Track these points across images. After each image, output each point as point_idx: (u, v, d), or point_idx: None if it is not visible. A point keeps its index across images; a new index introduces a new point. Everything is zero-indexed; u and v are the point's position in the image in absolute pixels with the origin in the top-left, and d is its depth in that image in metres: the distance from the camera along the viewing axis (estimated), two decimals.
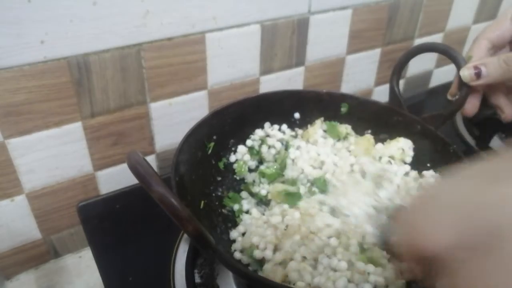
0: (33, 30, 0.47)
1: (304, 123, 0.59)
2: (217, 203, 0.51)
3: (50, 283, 0.61)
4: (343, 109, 0.59)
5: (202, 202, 0.49)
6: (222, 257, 0.36)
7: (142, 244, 0.56)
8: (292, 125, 0.59)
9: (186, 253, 0.52)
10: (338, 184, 0.51)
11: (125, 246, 0.55)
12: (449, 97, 0.55)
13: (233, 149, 0.56)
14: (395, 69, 0.58)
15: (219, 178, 0.54)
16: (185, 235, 0.54)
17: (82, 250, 0.66)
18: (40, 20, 0.47)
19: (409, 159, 0.54)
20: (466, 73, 0.49)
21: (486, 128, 0.76)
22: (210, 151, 0.52)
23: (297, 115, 0.59)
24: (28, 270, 0.63)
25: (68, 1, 0.47)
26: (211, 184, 0.52)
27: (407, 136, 0.55)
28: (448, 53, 0.53)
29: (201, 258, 0.52)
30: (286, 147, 0.56)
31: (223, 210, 0.51)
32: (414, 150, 0.55)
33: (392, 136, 0.57)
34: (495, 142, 0.74)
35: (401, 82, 0.92)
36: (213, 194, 0.52)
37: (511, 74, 0.47)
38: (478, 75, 0.49)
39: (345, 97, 0.59)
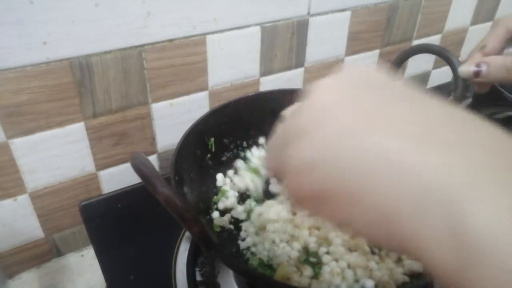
0: (36, 31, 0.47)
1: None
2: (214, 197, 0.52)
3: (52, 282, 0.62)
4: None
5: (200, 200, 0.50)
6: (224, 256, 0.37)
7: (143, 243, 0.56)
8: None
9: (187, 251, 0.53)
10: None
11: (127, 245, 0.56)
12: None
13: (231, 146, 0.56)
14: (390, 69, 0.59)
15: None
16: (186, 234, 0.55)
17: (84, 249, 0.66)
18: (43, 21, 0.47)
19: None
20: (465, 69, 0.48)
21: None
22: (213, 148, 0.53)
23: None
24: (30, 269, 0.63)
25: (71, 3, 0.48)
26: (209, 182, 0.53)
27: None
28: (442, 55, 0.53)
29: (202, 257, 0.53)
30: None
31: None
32: None
33: None
34: None
35: None
36: (211, 191, 0.52)
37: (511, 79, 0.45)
38: (477, 74, 0.47)
39: None
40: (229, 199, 0.52)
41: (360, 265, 0.41)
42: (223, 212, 0.51)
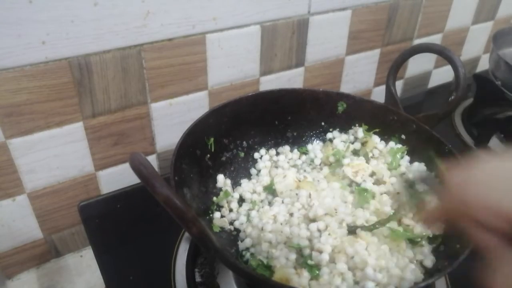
0: (35, 31, 0.47)
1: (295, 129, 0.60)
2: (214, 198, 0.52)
3: (51, 282, 0.62)
4: (340, 108, 0.59)
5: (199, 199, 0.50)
6: (223, 257, 0.37)
7: (143, 244, 0.56)
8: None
9: (186, 252, 0.53)
10: None
11: (126, 245, 0.56)
12: None
13: (230, 146, 0.56)
14: (391, 69, 0.59)
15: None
16: (186, 234, 0.55)
17: (83, 250, 0.66)
18: (42, 21, 0.47)
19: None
20: None
21: (485, 128, 0.76)
22: (213, 148, 0.52)
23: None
24: (29, 269, 0.63)
25: (69, 2, 0.48)
26: (209, 182, 0.53)
27: (403, 134, 0.56)
28: (444, 54, 0.53)
29: (201, 257, 0.53)
30: None
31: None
32: (408, 152, 0.56)
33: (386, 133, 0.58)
34: (494, 142, 0.75)
35: (401, 83, 0.93)
36: (210, 191, 0.52)
37: None
38: None
39: (341, 96, 0.60)
40: (231, 205, 0.52)
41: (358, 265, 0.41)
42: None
